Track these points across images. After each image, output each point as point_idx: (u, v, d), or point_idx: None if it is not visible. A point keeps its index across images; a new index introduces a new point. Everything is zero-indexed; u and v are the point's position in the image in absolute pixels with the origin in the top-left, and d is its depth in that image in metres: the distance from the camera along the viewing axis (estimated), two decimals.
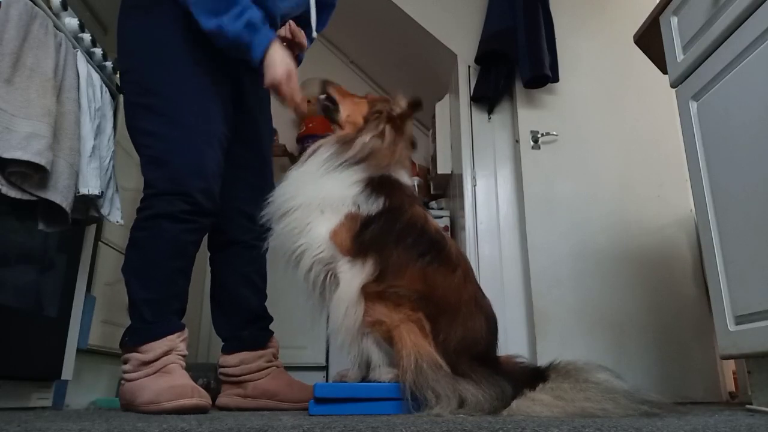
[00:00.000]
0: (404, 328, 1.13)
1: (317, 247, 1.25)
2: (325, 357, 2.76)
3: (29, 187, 1.31)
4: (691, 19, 1.52)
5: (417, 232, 1.26)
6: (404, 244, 1.23)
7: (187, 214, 1.35)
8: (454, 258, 1.26)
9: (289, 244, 1.30)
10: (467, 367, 1.12)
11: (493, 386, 1.08)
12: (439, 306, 1.18)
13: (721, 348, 1.38)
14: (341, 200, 1.28)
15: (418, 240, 1.24)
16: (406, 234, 1.24)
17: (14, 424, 0.86)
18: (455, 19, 2.87)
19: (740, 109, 1.33)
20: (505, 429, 0.75)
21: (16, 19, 1.30)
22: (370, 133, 1.38)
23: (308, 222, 1.28)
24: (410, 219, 1.27)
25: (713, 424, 0.86)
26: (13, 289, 1.40)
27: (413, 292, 1.18)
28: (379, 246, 1.23)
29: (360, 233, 1.24)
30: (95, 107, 1.58)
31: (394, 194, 1.31)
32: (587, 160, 2.58)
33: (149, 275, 1.33)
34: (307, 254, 1.26)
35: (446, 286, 1.21)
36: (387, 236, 1.24)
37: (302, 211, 1.29)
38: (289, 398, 1.48)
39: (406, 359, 1.08)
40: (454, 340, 1.15)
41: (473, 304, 1.22)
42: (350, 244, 1.24)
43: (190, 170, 1.36)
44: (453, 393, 1.04)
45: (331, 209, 1.27)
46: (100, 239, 1.83)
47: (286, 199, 1.33)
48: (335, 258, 1.24)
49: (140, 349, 1.28)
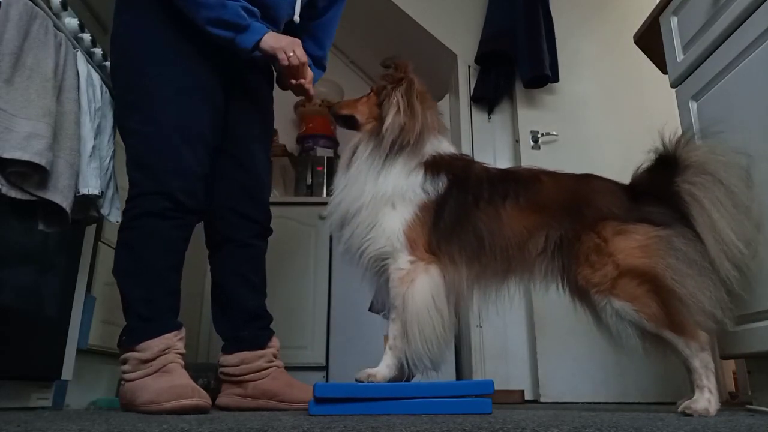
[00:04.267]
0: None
1: (383, 241, 1.26)
2: (325, 357, 2.76)
3: (29, 187, 1.31)
4: (691, 19, 1.52)
5: (488, 183, 1.29)
6: (484, 198, 1.26)
7: (172, 212, 1.36)
8: (528, 174, 1.32)
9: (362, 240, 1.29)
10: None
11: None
12: (564, 210, 1.23)
13: (721, 348, 1.38)
14: (411, 190, 1.29)
15: (493, 187, 1.28)
16: (479, 190, 1.28)
17: (14, 424, 0.85)
18: (455, 19, 2.88)
19: (740, 109, 1.33)
20: (505, 429, 0.75)
21: (16, 19, 1.30)
22: (390, 112, 1.39)
23: (379, 218, 1.28)
24: (476, 177, 1.31)
25: (713, 424, 0.86)
26: (13, 289, 1.40)
27: (530, 227, 1.22)
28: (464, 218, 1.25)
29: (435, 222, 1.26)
30: (95, 107, 1.58)
31: (451, 166, 1.34)
32: (587, 160, 2.55)
33: (141, 273, 1.34)
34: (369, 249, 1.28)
35: (548, 194, 1.26)
36: (464, 204, 1.26)
37: (372, 206, 1.29)
38: (289, 398, 1.48)
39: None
40: (608, 203, 1.22)
41: (584, 180, 1.30)
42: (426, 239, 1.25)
43: (169, 170, 1.36)
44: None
45: (403, 202, 1.28)
46: (100, 239, 1.83)
47: (350, 201, 1.33)
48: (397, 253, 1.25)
49: (137, 348, 1.28)
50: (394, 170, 1.31)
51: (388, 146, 1.34)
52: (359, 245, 1.29)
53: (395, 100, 1.39)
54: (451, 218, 1.25)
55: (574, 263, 1.21)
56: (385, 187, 1.30)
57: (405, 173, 1.31)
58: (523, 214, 1.23)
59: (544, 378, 2.27)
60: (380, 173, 1.32)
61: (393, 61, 1.45)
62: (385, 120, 1.38)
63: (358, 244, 1.30)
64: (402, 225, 1.25)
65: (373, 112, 1.44)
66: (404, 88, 1.41)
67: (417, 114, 1.38)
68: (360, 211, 1.30)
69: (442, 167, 1.32)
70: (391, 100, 1.40)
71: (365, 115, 1.46)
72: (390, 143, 1.34)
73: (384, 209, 1.28)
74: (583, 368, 2.26)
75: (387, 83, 1.44)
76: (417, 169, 1.32)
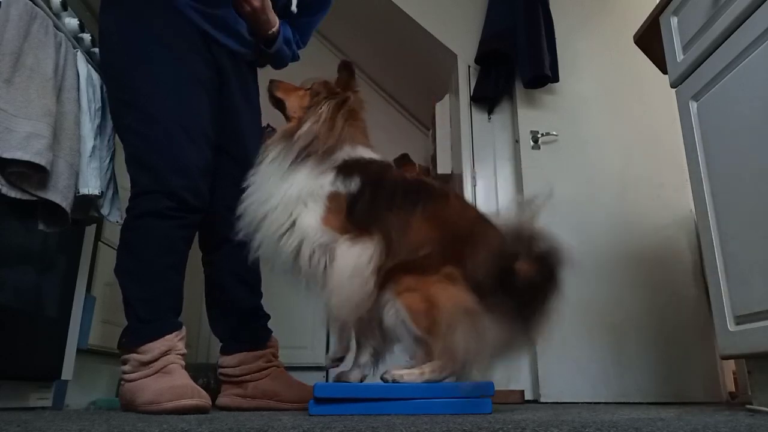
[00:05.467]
0: (437, 288, 1.13)
1: (314, 234, 1.23)
2: (325, 357, 2.76)
3: (29, 187, 1.31)
4: (691, 19, 1.52)
5: (402, 189, 1.26)
6: (396, 204, 1.23)
7: (174, 211, 1.34)
8: (442, 190, 1.29)
9: (277, 244, 1.26)
10: (493, 286, 1.12)
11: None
12: (455, 238, 1.18)
13: (721, 348, 1.38)
14: (320, 187, 1.26)
15: (406, 194, 1.25)
16: (392, 195, 1.24)
17: (14, 424, 0.85)
18: (455, 19, 2.87)
19: (740, 109, 1.33)
20: (505, 429, 0.75)
21: (16, 19, 1.30)
22: (310, 120, 1.35)
23: (294, 217, 1.25)
24: (391, 181, 1.28)
25: (713, 424, 0.86)
26: (13, 289, 1.40)
27: (428, 240, 1.18)
28: (373, 217, 1.21)
29: (350, 212, 1.23)
30: (95, 107, 1.58)
31: (365, 169, 1.29)
32: (587, 160, 2.57)
33: (141, 274, 1.33)
34: (306, 243, 1.23)
35: (451, 216, 1.23)
36: (377, 205, 1.22)
37: (281, 208, 1.26)
38: (289, 398, 1.48)
39: (444, 320, 1.09)
40: (481, 263, 1.15)
41: (481, 221, 1.24)
42: (345, 223, 1.22)
43: (173, 168, 1.35)
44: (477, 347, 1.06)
45: (313, 198, 1.26)
46: (100, 239, 1.83)
47: (258, 205, 1.29)
48: (334, 239, 1.22)
49: (139, 350, 1.28)
50: (300, 174, 1.28)
51: (295, 152, 1.31)
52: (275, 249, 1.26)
53: (320, 110, 1.36)
54: (362, 215, 1.22)
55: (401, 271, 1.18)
56: (293, 188, 1.27)
57: (313, 175, 1.28)
58: (426, 226, 1.20)
59: (544, 378, 2.27)
60: (286, 177, 1.29)
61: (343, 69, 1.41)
62: (302, 125, 1.35)
63: (273, 248, 1.26)
64: (317, 219, 1.23)
65: (299, 110, 1.42)
66: (335, 102, 1.38)
67: (336, 129, 1.34)
68: (269, 215, 1.27)
69: (355, 169, 1.28)
70: (317, 109, 1.37)
71: (293, 109, 1.44)
72: (299, 150, 1.31)
73: (297, 208, 1.25)
74: (583, 368, 2.26)
75: (323, 90, 1.40)
76: (327, 171, 1.28)
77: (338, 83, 1.42)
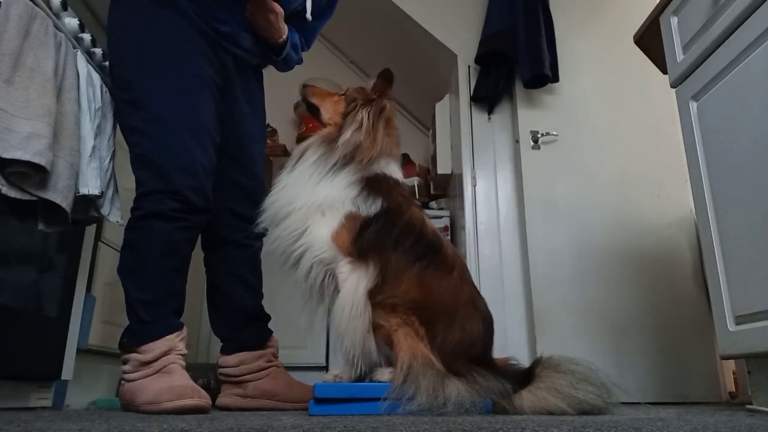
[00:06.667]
0: (401, 332, 1.15)
1: (319, 248, 1.25)
2: (325, 357, 2.76)
3: (29, 187, 1.31)
4: (691, 19, 1.52)
5: (415, 235, 1.25)
6: (402, 248, 1.22)
7: (179, 212, 1.34)
8: (449, 260, 1.26)
9: (288, 246, 1.29)
10: (464, 368, 1.12)
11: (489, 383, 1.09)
12: (435, 310, 1.18)
13: (721, 348, 1.38)
14: (341, 201, 1.27)
15: (416, 243, 1.24)
16: (404, 237, 1.24)
17: (14, 424, 0.86)
18: (455, 19, 2.88)
19: (740, 109, 1.33)
20: (505, 429, 0.74)
21: (16, 19, 1.30)
22: (350, 127, 1.36)
23: (308, 224, 1.27)
24: (408, 221, 1.26)
25: (713, 424, 0.86)
26: (13, 289, 1.40)
27: (409, 300, 1.18)
28: (378, 249, 1.22)
29: (359, 235, 1.23)
30: (95, 107, 1.58)
31: (391, 195, 1.30)
32: (587, 160, 2.58)
33: (144, 275, 1.33)
34: (308, 255, 1.26)
35: (443, 290, 1.21)
36: (385, 239, 1.23)
37: (301, 213, 1.28)
38: (289, 398, 1.48)
39: (401, 360, 1.11)
40: (451, 342, 1.15)
41: (470, 306, 1.22)
42: (351, 246, 1.23)
43: (179, 168, 1.35)
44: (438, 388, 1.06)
45: (332, 211, 1.27)
46: (100, 239, 1.83)
47: (283, 204, 1.32)
48: (336, 259, 1.24)
49: (139, 350, 1.28)
50: (333, 182, 1.30)
51: (337, 159, 1.32)
52: (292, 252, 1.28)
53: (360, 117, 1.36)
54: (368, 243, 1.22)
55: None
56: (317, 195, 1.28)
57: (342, 185, 1.29)
58: (416, 285, 1.19)
59: None
60: (320, 182, 1.30)
61: (382, 77, 1.41)
62: (343, 132, 1.36)
63: (284, 248, 1.29)
64: (328, 232, 1.24)
65: (336, 116, 1.42)
66: (374, 109, 1.38)
67: (378, 139, 1.35)
68: (289, 216, 1.29)
69: (380, 192, 1.28)
70: (356, 116, 1.37)
71: (329, 114, 1.44)
72: (341, 157, 1.32)
73: (313, 216, 1.27)
74: None
75: (359, 96, 1.41)
76: (355, 183, 1.29)
77: (374, 89, 1.42)
